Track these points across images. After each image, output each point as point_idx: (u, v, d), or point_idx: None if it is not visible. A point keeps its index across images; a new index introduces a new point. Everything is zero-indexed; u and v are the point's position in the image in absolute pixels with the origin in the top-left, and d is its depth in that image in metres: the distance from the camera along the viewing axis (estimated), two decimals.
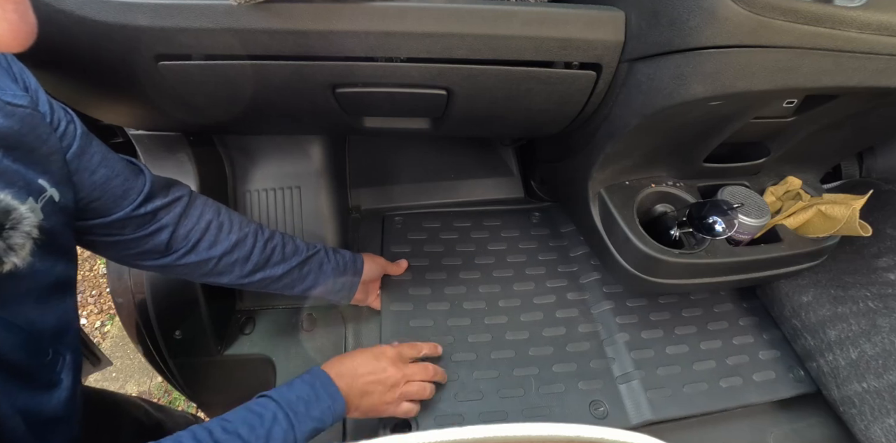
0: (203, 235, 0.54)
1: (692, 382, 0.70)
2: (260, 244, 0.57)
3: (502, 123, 0.66)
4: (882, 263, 0.69)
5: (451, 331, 0.74)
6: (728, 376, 0.71)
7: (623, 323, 0.76)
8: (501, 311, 0.77)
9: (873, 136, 0.71)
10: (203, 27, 0.44)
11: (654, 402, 0.67)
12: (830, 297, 0.69)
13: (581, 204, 0.72)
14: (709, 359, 0.73)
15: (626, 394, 0.69)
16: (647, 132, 0.57)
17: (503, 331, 0.75)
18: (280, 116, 0.64)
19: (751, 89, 0.47)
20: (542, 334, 0.75)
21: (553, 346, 0.74)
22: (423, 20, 0.46)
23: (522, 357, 0.72)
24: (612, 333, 0.75)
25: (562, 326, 0.76)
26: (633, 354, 0.72)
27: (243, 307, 0.82)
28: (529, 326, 0.76)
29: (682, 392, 0.69)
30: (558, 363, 0.72)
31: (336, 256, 0.66)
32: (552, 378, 0.70)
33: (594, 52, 0.50)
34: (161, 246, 0.52)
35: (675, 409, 0.67)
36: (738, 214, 0.64)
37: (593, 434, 0.20)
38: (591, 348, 0.74)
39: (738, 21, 0.42)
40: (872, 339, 0.62)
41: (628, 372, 0.71)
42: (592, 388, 0.69)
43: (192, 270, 0.55)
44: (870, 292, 0.67)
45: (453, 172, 0.98)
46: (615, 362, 0.72)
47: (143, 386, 1.39)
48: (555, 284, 0.82)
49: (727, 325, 0.78)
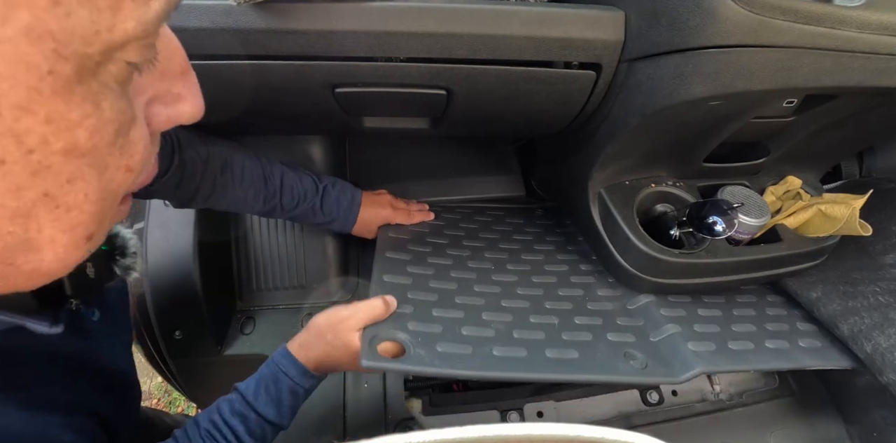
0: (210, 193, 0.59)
1: (736, 339, 0.62)
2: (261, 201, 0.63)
3: (502, 123, 0.66)
4: (889, 259, 0.69)
5: (459, 307, 0.61)
6: (773, 339, 0.64)
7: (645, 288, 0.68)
8: (519, 296, 0.66)
9: (873, 135, 0.71)
10: (202, 27, 0.44)
11: (699, 354, 0.58)
12: (840, 292, 0.68)
13: (581, 204, 0.72)
14: (746, 322, 0.66)
15: (664, 347, 0.60)
16: (647, 132, 0.57)
17: (513, 288, 0.66)
18: (280, 116, 0.64)
19: (751, 89, 0.47)
20: (557, 293, 0.67)
21: (572, 302, 0.65)
22: (423, 20, 0.46)
23: (539, 308, 0.62)
24: (635, 294, 0.68)
25: (579, 288, 0.68)
26: (663, 311, 0.64)
27: (243, 307, 0.82)
28: (544, 286, 0.68)
29: (728, 348, 0.60)
30: (580, 316, 0.63)
31: (327, 200, 0.68)
32: (575, 328, 0.60)
33: (594, 52, 0.50)
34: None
35: (725, 362, 0.58)
36: (738, 213, 0.64)
37: (594, 434, 0.20)
38: (614, 308, 0.66)
39: (738, 21, 0.42)
40: (886, 332, 0.62)
41: (662, 326, 0.62)
42: (623, 340, 0.60)
43: None
44: (879, 288, 0.66)
45: (454, 171, 0.98)
46: (644, 320, 0.64)
47: (143, 386, 1.39)
48: (565, 257, 0.75)
49: (755, 298, 0.73)
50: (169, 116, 0.23)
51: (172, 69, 0.22)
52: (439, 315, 0.57)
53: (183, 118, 0.24)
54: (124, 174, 0.20)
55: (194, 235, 0.73)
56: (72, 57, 0.15)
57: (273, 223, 0.83)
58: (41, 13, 0.14)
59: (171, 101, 0.23)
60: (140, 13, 0.16)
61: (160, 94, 0.22)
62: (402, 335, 0.52)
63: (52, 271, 0.20)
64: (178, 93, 0.23)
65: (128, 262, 0.38)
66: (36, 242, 0.18)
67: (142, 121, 0.21)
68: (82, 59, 0.16)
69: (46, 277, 0.20)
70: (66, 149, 0.17)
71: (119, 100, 0.18)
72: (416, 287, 0.61)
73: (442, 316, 0.57)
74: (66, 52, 0.15)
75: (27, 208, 0.17)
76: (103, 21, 0.15)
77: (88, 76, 0.16)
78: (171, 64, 0.22)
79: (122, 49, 0.17)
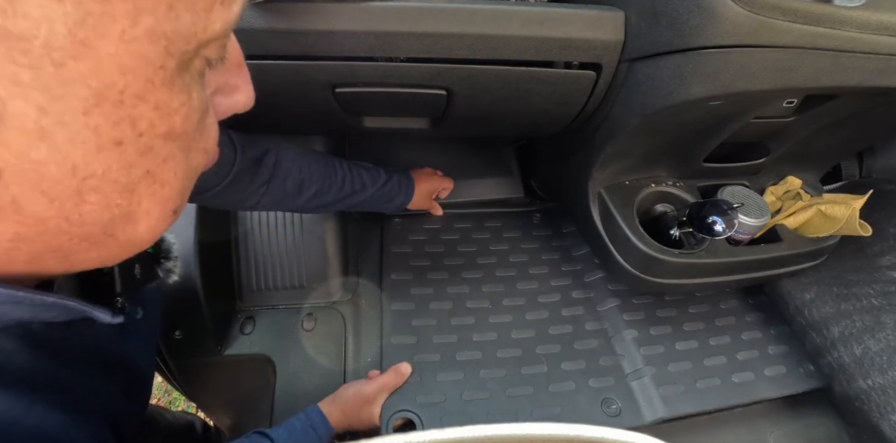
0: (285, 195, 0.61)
1: (704, 377, 0.69)
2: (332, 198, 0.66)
3: (502, 123, 0.66)
4: (885, 261, 0.69)
5: (455, 330, 0.73)
6: (739, 372, 0.70)
7: (630, 320, 0.75)
8: (506, 310, 0.76)
9: (873, 136, 0.71)
10: None
11: (667, 399, 0.66)
12: (833, 294, 0.69)
13: (581, 204, 0.72)
14: (719, 354, 0.72)
15: (638, 391, 0.67)
16: (647, 132, 0.57)
17: (509, 329, 0.74)
18: (279, 116, 0.64)
19: (751, 89, 0.47)
20: (548, 332, 0.74)
21: (560, 343, 0.72)
22: (423, 20, 0.46)
23: (530, 355, 0.70)
24: (620, 330, 0.74)
25: (568, 324, 0.75)
26: (642, 350, 0.71)
27: (243, 307, 0.82)
28: (535, 324, 0.75)
29: (695, 388, 0.67)
30: (567, 361, 0.70)
31: (385, 188, 0.72)
32: (562, 376, 0.68)
33: (594, 52, 0.50)
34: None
35: (688, 405, 0.65)
36: (738, 213, 0.64)
37: (594, 434, 0.20)
38: (599, 346, 0.72)
39: (738, 21, 0.42)
40: (877, 335, 0.62)
41: (639, 369, 0.69)
42: (603, 385, 0.68)
43: None
44: (873, 290, 0.66)
45: (454, 172, 0.98)
46: (625, 359, 0.71)
47: None
48: (559, 282, 0.82)
49: (735, 320, 0.77)
50: (228, 106, 0.26)
51: (232, 63, 0.25)
52: (443, 380, 0.67)
53: (238, 107, 0.27)
54: (202, 155, 0.23)
55: (194, 235, 0.73)
56: (176, 53, 0.18)
57: (273, 223, 0.83)
58: (160, 17, 0.16)
59: (229, 92, 0.26)
60: (226, 16, 0.19)
61: (221, 85, 0.25)
62: (411, 415, 0.62)
63: (144, 241, 0.23)
64: (235, 84, 0.26)
65: (170, 265, 0.40)
66: (136, 214, 0.21)
67: (211, 109, 0.23)
68: (183, 55, 0.18)
69: (138, 247, 0.23)
70: (166, 132, 0.19)
71: (203, 90, 0.21)
72: (421, 348, 0.70)
73: (445, 380, 0.67)
74: (173, 49, 0.17)
75: (133, 184, 0.20)
76: (200, 23, 0.18)
77: (184, 70, 0.19)
78: (231, 58, 0.24)
79: (208, 46, 0.19)
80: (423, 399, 0.64)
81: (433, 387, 0.65)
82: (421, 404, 0.63)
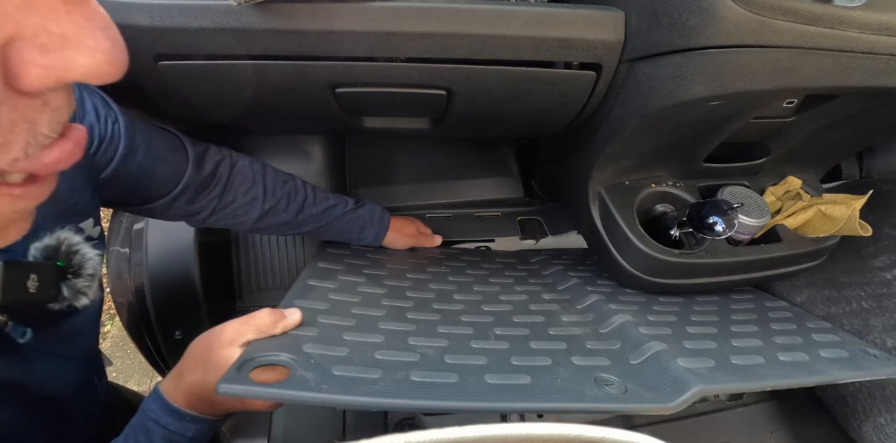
0: (237, 207, 0.58)
1: (739, 354, 0.52)
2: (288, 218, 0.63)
3: (502, 124, 0.66)
4: (879, 262, 0.69)
5: (381, 332, 0.51)
6: (786, 351, 0.54)
7: (619, 309, 0.60)
8: (462, 323, 0.56)
9: (873, 136, 0.71)
10: (203, 27, 0.44)
11: (695, 372, 0.46)
12: (824, 297, 0.69)
13: (581, 204, 0.72)
14: (749, 338, 0.56)
15: (649, 368, 0.48)
16: (647, 132, 0.57)
17: (457, 316, 0.57)
18: (280, 116, 0.64)
19: (751, 89, 0.47)
20: (512, 320, 0.58)
21: (529, 328, 0.55)
22: (423, 20, 0.46)
23: (484, 334, 0.53)
24: (608, 316, 0.58)
25: (539, 315, 0.60)
26: (643, 329, 0.54)
27: (243, 307, 0.82)
28: (496, 314, 0.59)
29: (731, 363, 0.50)
30: (538, 341, 0.52)
31: (355, 214, 0.69)
32: (530, 352, 0.50)
33: (594, 52, 0.50)
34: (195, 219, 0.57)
35: (730, 378, 0.46)
36: (738, 214, 0.64)
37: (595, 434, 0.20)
38: (583, 333, 0.56)
39: (738, 21, 0.42)
40: (865, 339, 0.62)
41: (644, 345, 0.51)
42: (593, 364, 0.49)
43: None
44: (864, 292, 0.67)
45: (453, 172, 0.98)
46: (620, 341, 0.54)
47: (143, 386, 1.39)
48: (526, 288, 0.68)
49: (753, 306, 0.68)
50: (50, 68, 0.15)
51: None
52: (352, 339, 0.47)
53: (76, 73, 0.15)
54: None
55: (194, 235, 0.73)
56: None
57: None
58: None
59: (51, 46, 0.15)
60: None
61: (27, 31, 0.14)
62: (286, 357, 0.41)
63: None
64: (63, 33, 0.15)
65: (81, 284, 0.32)
66: None
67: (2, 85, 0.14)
68: None
69: None
70: None
71: None
72: (334, 312, 0.52)
73: (355, 340, 0.47)
74: None
75: None
76: None
77: None
78: None
79: None
80: (312, 350, 0.43)
81: (334, 343, 0.46)
82: (306, 354, 0.42)
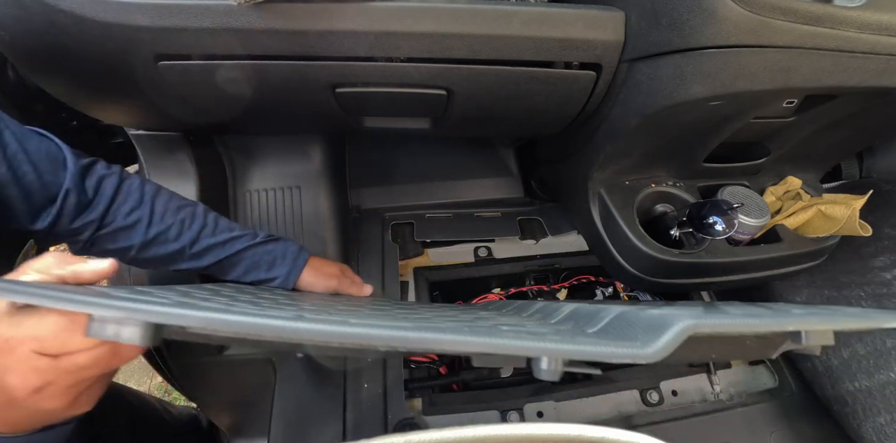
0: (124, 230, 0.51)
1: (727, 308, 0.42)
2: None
3: (502, 123, 0.66)
4: (878, 262, 0.69)
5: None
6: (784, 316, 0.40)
7: (571, 303, 0.44)
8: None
9: (873, 136, 0.71)
10: (203, 27, 0.44)
11: (677, 316, 0.28)
12: (824, 297, 0.69)
13: (581, 204, 0.72)
14: (733, 307, 0.45)
15: (612, 327, 0.31)
16: (647, 132, 0.57)
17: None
18: (280, 116, 0.64)
19: (751, 89, 0.47)
20: (458, 317, 0.43)
21: (470, 326, 0.37)
22: (423, 20, 0.46)
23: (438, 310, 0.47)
24: (557, 308, 0.42)
25: (483, 320, 0.40)
26: (598, 306, 0.39)
27: None
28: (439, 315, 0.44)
29: (721, 310, 0.39)
30: (480, 329, 0.34)
31: (264, 248, 0.59)
32: (495, 323, 0.36)
33: (594, 52, 0.50)
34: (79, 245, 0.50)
35: (721, 317, 0.26)
36: (738, 214, 0.64)
37: (595, 434, 0.20)
38: (529, 323, 0.37)
39: (738, 21, 0.42)
40: (864, 339, 0.62)
41: (600, 313, 0.33)
42: (544, 331, 0.31)
43: None
44: (864, 292, 0.67)
45: (453, 172, 0.98)
46: (573, 322, 0.36)
47: (143, 386, 1.39)
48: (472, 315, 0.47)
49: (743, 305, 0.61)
50: None
51: None
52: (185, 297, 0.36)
53: None
54: None
55: None
56: None
57: (273, 223, 0.83)
58: None
59: None
60: None
61: None
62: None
63: None
64: None
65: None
66: None
67: None
68: None
69: None
70: None
71: None
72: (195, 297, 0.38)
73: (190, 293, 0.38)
74: None
75: None
76: None
77: None
78: None
79: None
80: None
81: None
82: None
